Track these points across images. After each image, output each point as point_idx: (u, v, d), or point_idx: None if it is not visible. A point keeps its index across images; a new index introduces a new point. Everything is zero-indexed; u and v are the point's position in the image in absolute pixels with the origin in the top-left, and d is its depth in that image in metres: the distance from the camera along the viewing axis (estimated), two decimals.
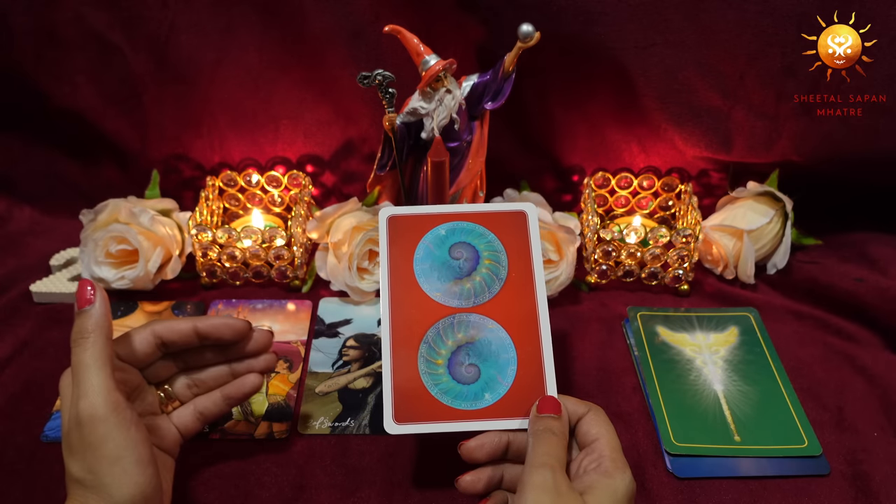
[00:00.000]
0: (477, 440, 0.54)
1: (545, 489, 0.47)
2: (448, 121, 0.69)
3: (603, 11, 0.74)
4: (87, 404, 0.48)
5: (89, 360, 0.49)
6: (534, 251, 0.61)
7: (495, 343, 0.58)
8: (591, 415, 0.53)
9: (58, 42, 0.80)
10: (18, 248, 0.86)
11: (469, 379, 0.57)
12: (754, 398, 0.67)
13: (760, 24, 0.74)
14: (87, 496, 0.48)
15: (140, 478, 0.49)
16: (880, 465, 0.62)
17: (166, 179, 0.87)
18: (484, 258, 0.60)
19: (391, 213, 0.62)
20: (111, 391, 0.49)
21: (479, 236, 0.61)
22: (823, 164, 0.82)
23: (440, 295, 0.59)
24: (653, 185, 0.86)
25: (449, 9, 0.77)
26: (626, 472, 0.50)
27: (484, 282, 0.60)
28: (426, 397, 0.56)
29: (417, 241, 0.61)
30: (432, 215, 0.62)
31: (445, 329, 0.58)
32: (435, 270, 0.60)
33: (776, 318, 0.77)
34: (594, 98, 0.82)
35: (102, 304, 0.51)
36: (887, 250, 0.82)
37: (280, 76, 0.82)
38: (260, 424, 0.65)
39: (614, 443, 0.51)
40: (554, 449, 0.50)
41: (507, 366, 0.57)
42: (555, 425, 0.52)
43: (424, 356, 0.57)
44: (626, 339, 0.75)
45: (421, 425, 0.55)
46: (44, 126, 0.87)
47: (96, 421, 0.48)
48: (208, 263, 0.80)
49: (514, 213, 0.62)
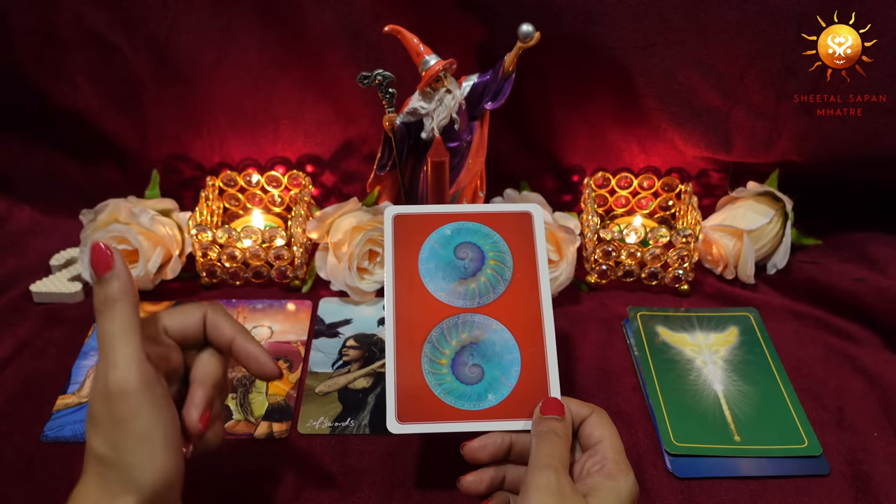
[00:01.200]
0: (480, 441, 0.54)
1: (549, 491, 0.47)
2: (448, 121, 0.69)
3: (603, 11, 0.74)
4: (119, 376, 0.45)
5: (118, 329, 0.46)
6: (539, 252, 0.60)
7: (499, 344, 0.57)
8: (594, 417, 0.53)
9: (58, 42, 0.80)
10: (18, 248, 0.86)
11: (473, 379, 0.56)
12: (754, 398, 0.67)
13: (760, 24, 0.74)
14: (108, 474, 0.45)
15: (167, 461, 0.45)
16: (880, 465, 0.62)
17: (166, 179, 0.87)
18: (489, 258, 0.60)
19: (397, 212, 0.61)
20: (143, 363, 0.46)
21: (484, 237, 0.61)
22: (823, 164, 0.82)
23: (445, 295, 0.59)
24: (653, 185, 0.86)
25: (449, 9, 0.77)
26: (630, 475, 0.49)
27: (489, 282, 0.59)
28: (429, 397, 0.56)
29: (423, 240, 0.61)
30: (438, 215, 0.62)
31: (450, 329, 0.58)
32: (440, 270, 0.60)
33: (776, 318, 0.77)
34: (594, 98, 0.82)
35: (124, 268, 0.47)
36: (887, 250, 0.82)
37: (280, 76, 0.82)
38: (260, 424, 0.65)
39: (618, 445, 0.51)
40: (557, 450, 0.50)
41: (510, 367, 0.57)
42: (558, 427, 0.52)
43: (428, 356, 0.57)
44: (626, 339, 0.75)
45: (424, 425, 0.55)
46: (44, 126, 0.87)
47: (127, 395, 0.45)
48: (208, 263, 0.80)
49: (519, 213, 0.62)
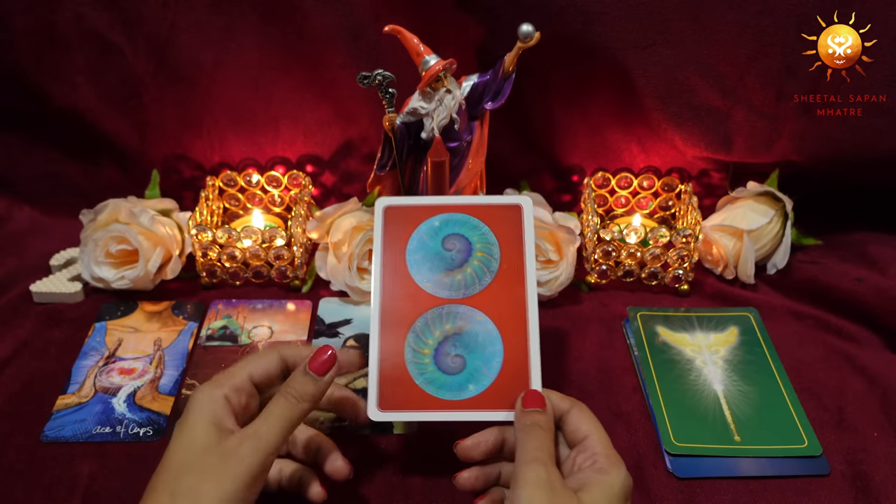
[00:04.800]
0: (472, 439, 0.54)
1: (539, 485, 0.47)
2: (448, 121, 0.69)
3: (603, 11, 0.74)
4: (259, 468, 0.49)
5: (289, 423, 0.51)
6: (527, 245, 0.60)
7: (482, 335, 0.58)
8: (575, 410, 0.53)
9: (58, 42, 0.80)
10: (18, 248, 0.86)
11: (454, 369, 0.57)
12: (754, 398, 0.67)
13: (760, 24, 0.74)
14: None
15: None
16: (880, 465, 0.62)
17: (166, 179, 0.87)
18: (476, 250, 0.60)
19: (388, 204, 0.62)
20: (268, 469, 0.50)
21: (472, 228, 0.61)
22: (823, 164, 0.82)
23: (431, 285, 0.59)
24: (653, 185, 0.86)
25: (449, 9, 0.77)
26: (621, 468, 0.49)
27: (475, 273, 0.60)
28: (411, 386, 0.56)
29: (411, 231, 0.61)
30: (428, 206, 0.62)
31: (434, 319, 0.58)
32: (427, 261, 0.60)
33: (776, 318, 0.77)
34: (594, 98, 0.82)
35: (332, 378, 0.53)
36: (887, 250, 0.82)
37: (280, 76, 0.82)
38: None
39: (604, 439, 0.51)
40: (543, 443, 0.50)
41: (492, 358, 0.57)
42: (541, 419, 0.52)
43: (411, 345, 0.57)
44: (626, 339, 0.75)
45: (404, 413, 0.56)
46: (44, 126, 0.87)
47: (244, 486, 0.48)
48: (208, 263, 0.80)
49: (509, 206, 0.62)
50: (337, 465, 0.55)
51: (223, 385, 0.52)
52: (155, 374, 0.70)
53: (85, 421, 0.65)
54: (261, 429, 0.50)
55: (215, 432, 0.49)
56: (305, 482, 0.55)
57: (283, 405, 0.51)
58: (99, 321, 0.76)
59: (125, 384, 0.69)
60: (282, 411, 0.51)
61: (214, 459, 0.48)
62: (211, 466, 0.48)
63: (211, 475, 0.47)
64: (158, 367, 0.71)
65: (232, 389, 0.52)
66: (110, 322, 0.76)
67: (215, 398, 0.51)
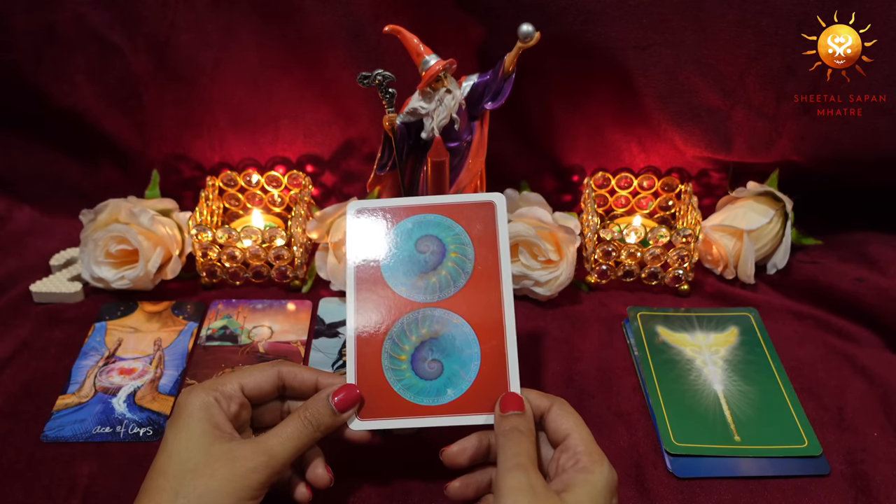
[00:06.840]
0: (458, 445, 0.54)
1: (521, 491, 0.46)
2: (448, 121, 0.69)
3: (603, 11, 0.74)
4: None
5: (302, 446, 0.52)
6: (501, 243, 0.59)
7: (459, 338, 0.57)
8: (556, 408, 0.53)
9: (58, 42, 0.80)
10: (18, 248, 0.86)
11: (432, 375, 0.56)
12: (754, 398, 0.67)
13: (760, 24, 0.74)
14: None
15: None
16: (880, 465, 0.62)
17: (166, 179, 0.87)
18: (450, 251, 0.59)
19: (360, 206, 0.61)
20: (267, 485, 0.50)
21: (446, 229, 0.60)
22: (823, 164, 0.82)
23: (405, 290, 0.58)
24: (653, 185, 0.86)
25: (449, 9, 0.77)
26: (604, 464, 0.49)
27: (450, 275, 0.59)
28: (389, 393, 0.56)
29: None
30: (400, 208, 0.61)
31: (410, 325, 0.58)
32: (401, 265, 0.59)
33: (776, 318, 0.77)
34: (594, 98, 0.82)
35: (348, 417, 0.55)
36: (887, 250, 0.82)
37: (280, 76, 0.82)
38: None
39: (586, 436, 0.51)
40: (524, 447, 0.50)
41: (469, 361, 0.56)
42: (520, 422, 0.52)
43: (388, 352, 0.57)
44: (626, 339, 0.75)
45: (384, 421, 0.55)
46: (44, 126, 0.87)
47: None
48: (208, 263, 0.80)
49: (481, 203, 0.61)
50: (317, 473, 0.55)
51: (214, 390, 0.53)
52: (155, 374, 0.70)
53: (85, 421, 0.65)
54: (275, 447, 0.51)
55: (217, 434, 0.50)
56: (291, 483, 0.55)
57: (299, 428, 0.52)
58: (99, 321, 0.76)
59: (125, 384, 0.69)
60: (298, 434, 0.52)
61: (224, 465, 0.49)
62: (220, 471, 0.48)
63: (221, 480, 0.48)
64: (158, 368, 0.71)
65: (222, 395, 0.53)
66: (110, 322, 0.76)
67: (209, 401, 0.52)
